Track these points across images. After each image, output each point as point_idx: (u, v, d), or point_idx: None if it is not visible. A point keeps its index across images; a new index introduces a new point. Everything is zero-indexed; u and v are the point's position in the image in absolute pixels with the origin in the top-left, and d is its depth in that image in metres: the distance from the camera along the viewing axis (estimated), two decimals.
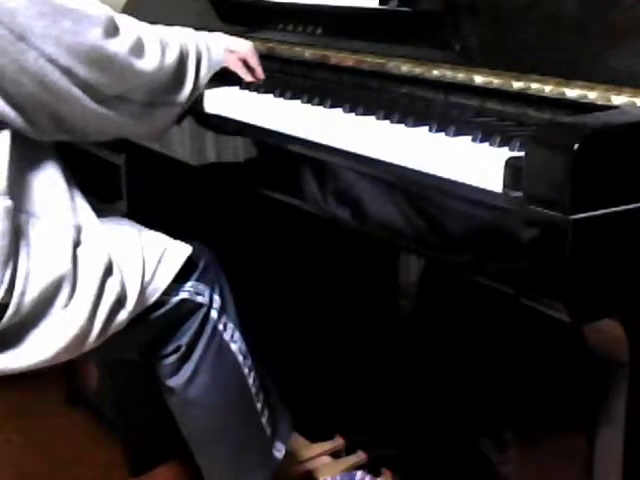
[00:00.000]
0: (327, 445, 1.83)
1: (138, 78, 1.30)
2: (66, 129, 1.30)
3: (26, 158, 1.27)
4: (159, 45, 1.33)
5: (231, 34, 1.62)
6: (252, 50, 1.53)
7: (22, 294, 1.21)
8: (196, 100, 1.44)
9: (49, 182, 1.30)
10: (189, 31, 1.47)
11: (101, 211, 1.43)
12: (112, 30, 1.25)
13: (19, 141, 1.25)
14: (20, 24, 1.17)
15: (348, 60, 1.46)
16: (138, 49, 1.29)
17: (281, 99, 1.40)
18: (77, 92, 1.24)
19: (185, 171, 1.60)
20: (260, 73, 1.53)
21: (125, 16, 1.33)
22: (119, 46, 1.25)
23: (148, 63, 1.31)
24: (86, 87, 1.24)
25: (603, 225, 0.91)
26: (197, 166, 1.58)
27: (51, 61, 1.20)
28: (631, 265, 0.95)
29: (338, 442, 1.84)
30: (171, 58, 1.35)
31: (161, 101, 1.36)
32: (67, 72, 1.22)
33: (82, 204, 1.35)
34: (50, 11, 1.19)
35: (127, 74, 1.28)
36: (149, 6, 1.98)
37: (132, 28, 1.29)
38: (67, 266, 1.25)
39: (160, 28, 1.39)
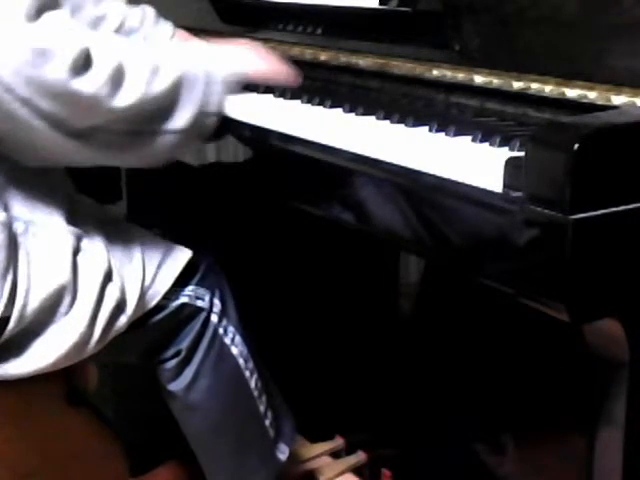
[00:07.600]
0: (327, 445, 1.83)
1: (111, 113, 1.19)
2: (43, 159, 1.24)
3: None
4: (147, 73, 1.21)
5: (231, 34, 1.61)
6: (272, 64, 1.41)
7: (23, 306, 1.21)
8: None
9: (48, 188, 1.29)
10: (204, 49, 1.35)
11: (101, 212, 1.43)
12: (80, 67, 1.14)
13: None
14: None
15: (348, 60, 1.45)
16: (113, 84, 1.17)
17: (281, 99, 1.40)
18: (40, 124, 1.15)
19: (185, 172, 1.60)
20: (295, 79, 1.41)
21: (118, 38, 1.20)
22: (85, 84, 1.14)
23: (124, 98, 1.19)
24: (52, 120, 1.15)
25: (603, 225, 0.91)
26: (197, 167, 1.57)
27: (8, 90, 1.11)
28: (631, 265, 0.95)
29: (338, 442, 1.84)
30: (161, 85, 1.23)
31: (149, 130, 1.25)
32: (27, 103, 1.13)
33: (82, 209, 1.35)
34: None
35: (97, 110, 1.18)
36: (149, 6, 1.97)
37: (113, 58, 1.18)
38: (67, 275, 1.25)
39: (167, 47, 1.26)
